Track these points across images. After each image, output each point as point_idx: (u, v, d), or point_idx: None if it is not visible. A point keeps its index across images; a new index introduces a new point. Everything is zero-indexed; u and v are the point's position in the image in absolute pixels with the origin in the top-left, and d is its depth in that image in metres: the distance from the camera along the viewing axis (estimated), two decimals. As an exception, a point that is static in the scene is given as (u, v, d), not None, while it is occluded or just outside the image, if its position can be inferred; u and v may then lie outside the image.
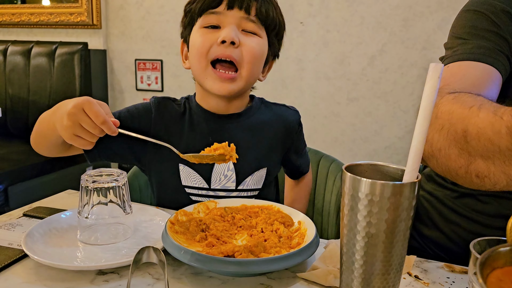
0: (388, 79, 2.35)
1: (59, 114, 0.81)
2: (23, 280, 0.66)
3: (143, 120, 0.98)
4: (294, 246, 0.73)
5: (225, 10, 0.91)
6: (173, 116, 1.00)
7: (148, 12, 2.82)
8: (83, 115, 0.78)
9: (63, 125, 0.79)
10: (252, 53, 0.93)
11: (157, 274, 0.68)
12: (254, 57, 0.93)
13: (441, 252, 1.01)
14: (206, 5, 0.92)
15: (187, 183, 0.97)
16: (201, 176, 0.97)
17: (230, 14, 0.91)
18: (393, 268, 0.54)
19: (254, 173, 0.99)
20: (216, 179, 0.97)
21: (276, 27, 0.98)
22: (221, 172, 0.97)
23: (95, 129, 0.79)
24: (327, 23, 2.42)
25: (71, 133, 0.80)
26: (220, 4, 0.91)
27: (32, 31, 3.10)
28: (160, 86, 2.87)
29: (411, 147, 0.53)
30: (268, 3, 0.95)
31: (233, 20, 0.91)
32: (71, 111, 0.77)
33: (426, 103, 0.51)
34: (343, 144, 2.49)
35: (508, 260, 0.40)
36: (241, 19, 0.92)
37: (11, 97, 2.88)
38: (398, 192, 0.50)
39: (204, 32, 0.93)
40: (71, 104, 0.78)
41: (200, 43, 0.92)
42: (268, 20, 0.95)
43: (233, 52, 0.91)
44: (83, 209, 0.77)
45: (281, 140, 1.04)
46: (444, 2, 2.16)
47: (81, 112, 0.77)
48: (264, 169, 1.01)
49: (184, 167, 0.97)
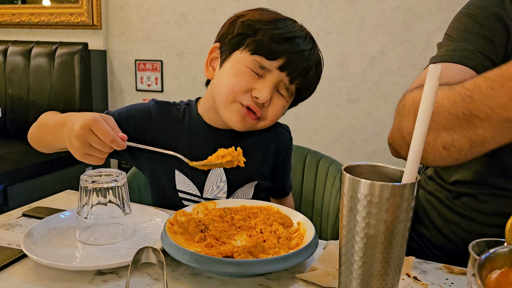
0: (388, 81, 2.35)
1: (67, 132, 0.81)
2: (22, 280, 0.66)
3: (143, 122, 0.97)
4: (293, 247, 0.73)
5: (275, 68, 0.90)
6: (173, 120, 1.00)
7: (149, 13, 2.82)
8: (92, 135, 0.77)
9: (73, 146, 0.79)
10: (275, 115, 0.95)
11: (156, 275, 0.68)
12: (276, 117, 0.96)
13: (440, 252, 1.01)
14: (263, 53, 0.89)
15: (181, 188, 0.99)
16: (195, 185, 0.98)
17: (276, 73, 0.90)
18: (392, 269, 0.54)
19: (244, 186, 1.01)
20: (208, 189, 0.99)
21: (310, 92, 1.00)
22: (214, 182, 0.99)
23: (104, 147, 0.79)
24: (327, 24, 2.42)
25: (82, 153, 0.80)
26: (275, 59, 0.89)
27: (32, 31, 3.10)
28: (160, 87, 2.87)
29: (410, 148, 0.53)
30: (312, 79, 0.96)
31: (276, 80, 0.91)
32: (79, 132, 0.77)
33: (425, 104, 0.51)
34: (342, 145, 2.49)
35: (507, 262, 0.40)
36: (282, 83, 0.92)
37: (11, 97, 2.88)
38: (397, 193, 0.50)
39: (246, 74, 0.90)
40: (78, 125, 0.77)
41: (235, 83, 0.90)
42: (305, 93, 0.98)
43: (260, 109, 0.93)
44: (82, 209, 0.77)
45: (273, 155, 1.06)
46: (444, 4, 2.16)
47: (89, 132, 0.77)
48: (254, 182, 1.02)
49: (179, 174, 0.98)
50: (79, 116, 0.80)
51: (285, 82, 0.92)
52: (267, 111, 0.94)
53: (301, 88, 0.96)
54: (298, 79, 0.93)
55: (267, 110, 0.94)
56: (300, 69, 0.91)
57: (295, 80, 0.92)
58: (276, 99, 0.94)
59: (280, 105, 0.95)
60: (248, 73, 0.90)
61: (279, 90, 0.94)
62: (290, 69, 0.90)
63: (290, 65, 0.90)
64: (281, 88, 0.94)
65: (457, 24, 0.88)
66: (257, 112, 0.92)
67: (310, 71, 0.93)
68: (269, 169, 1.06)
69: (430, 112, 0.51)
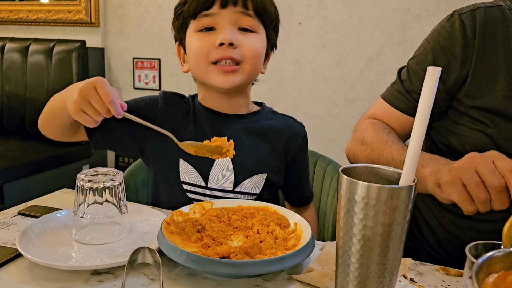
0: (385, 81, 2.34)
1: (70, 92, 0.84)
2: (17, 279, 0.66)
3: (149, 110, 0.99)
4: (290, 248, 0.73)
5: (219, 9, 0.90)
6: (179, 111, 1.01)
7: (147, 11, 2.81)
8: (94, 92, 0.80)
9: (73, 99, 0.81)
10: (253, 52, 0.93)
11: (152, 275, 0.68)
12: (255, 55, 0.93)
13: (436, 253, 1.01)
14: (199, 7, 0.91)
15: (185, 179, 0.97)
16: (200, 174, 0.97)
17: (225, 13, 0.90)
18: (388, 271, 0.54)
19: (252, 177, 0.99)
20: (214, 178, 0.97)
21: (272, 20, 0.97)
22: (220, 171, 0.97)
23: (102, 107, 0.81)
24: (325, 24, 2.42)
25: (78, 108, 0.82)
26: (213, 5, 0.90)
27: (29, 28, 3.09)
28: (158, 85, 2.86)
29: (408, 150, 0.53)
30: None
31: (228, 19, 0.90)
32: (83, 87, 0.80)
33: (424, 106, 0.51)
34: (340, 145, 2.49)
35: (504, 265, 0.40)
36: (237, 16, 0.91)
37: (7, 94, 2.87)
38: (395, 196, 0.50)
39: (200, 36, 0.92)
40: (85, 82, 0.81)
41: (197, 48, 0.92)
42: (265, 14, 0.94)
43: (233, 52, 0.91)
44: (79, 208, 0.76)
45: (284, 148, 1.04)
46: (442, 5, 2.16)
47: (92, 89, 0.80)
48: (263, 175, 1.00)
49: (184, 163, 0.96)
50: (86, 80, 0.83)
51: (239, 11, 0.91)
52: (243, 51, 0.92)
53: (260, 11, 0.93)
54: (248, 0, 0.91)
55: (241, 50, 0.92)
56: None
57: (246, 2, 0.90)
58: (244, 38, 0.92)
59: (252, 41, 0.93)
60: (202, 35, 0.92)
61: (242, 25, 0.92)
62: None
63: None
64: (241, 22, 0.92)
65: (415, 54, 0.99)
66: (231, 58, 0.91)
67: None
68: (280, 164, 1.04)
69: (428, 115, 0.51)
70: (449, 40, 0.91)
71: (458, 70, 0.90)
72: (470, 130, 0.91)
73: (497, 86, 0.87)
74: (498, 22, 0.88)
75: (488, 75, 0.88)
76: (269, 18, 0.95)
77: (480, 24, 0.88)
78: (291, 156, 1.05)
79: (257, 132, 1.01)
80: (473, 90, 0.89)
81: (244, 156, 0.97)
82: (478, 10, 0.90)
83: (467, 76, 0.90)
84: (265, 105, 1.09)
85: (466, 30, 0.89)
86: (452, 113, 0.95)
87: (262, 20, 0.95)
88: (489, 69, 0.88)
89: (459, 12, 0.92)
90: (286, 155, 1.04)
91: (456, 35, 0.90)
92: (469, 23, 0.89)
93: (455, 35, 0.90)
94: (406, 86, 0.98)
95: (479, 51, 0.88)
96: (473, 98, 0.90)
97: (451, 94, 0.93)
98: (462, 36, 0.89)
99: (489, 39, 0.88)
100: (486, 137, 0.88)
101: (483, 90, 0.88)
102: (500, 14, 0.88)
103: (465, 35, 0.89)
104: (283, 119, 1.08)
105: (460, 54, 0.89)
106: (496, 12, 0.89)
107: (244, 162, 0.98)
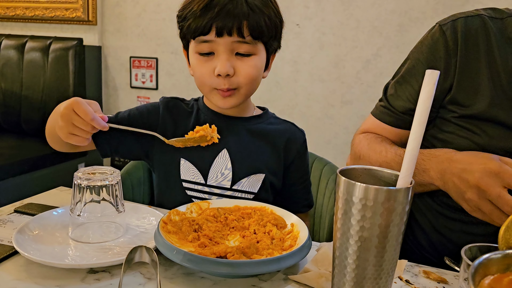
0: (382, 83, 2.33)
1: (55, 117, 0.89)
2: (13, 277, 0.65)
3: (151, 116, 1.02)
4: (287, 248, 0.73)
5: (215, 37, 0.90)
6: (181, 114, 1.04)
7: (144, 10, 2.81)
8: (74, 115, 0.83)
9: (59, 125, 0.85)
10: (248, 79, 0.94)
11: (149, 274, 0.68)
12: (251, 81, 0.95)
13: (428, 254, 1.02)
14: (197, 32, 0.90)
15: (185, 177, 0.99)
16: (199, 171, 0.99)
17: (221, 41, 0.90)
18: (385, 272, 0.54)
19: (250, 176, 1.00)
20: (213, 175, 0.99)
21: (272, 34, 0.95)
22: (219, 170, 0.99)
23: (86, 126, 0.85)
24: (323, 25, 2.43)
25: (66, 132, 0.86)
26: (209, 31, 0.89)
27: (26, 25, 3.07)
28: (155, 84, 2.86)
29: (406, 153, 0.53)
30: (259, 15, 0.91)
31: (225, 48, 0.91)
32: (63, 112, 0.84)
33: (422, 109, 0.52)
34: (336, 146, 2.50)
35: (500, 268, 0.40)
36: (234, 44, 0.91)
37: (3, 91, 2.85)
38: (392, 197, 0.50)
39: (200, 61, 0.94)
40: (63, 106, 0.84)
41: (199, 75, 0.95)
42: (263, 35, 0.93)
43: (230, 82, 0.93)
44: (76, 206, 0.76)
45: (283, 150, 1.05)
46: (440, 9, 2.17)
47: (71, 112, 0.83)
48: (261, 175, 1.01)
49: (185, 162, 0.99)
50: (66, 101, 0.86)
51: (234, 41, 0.90)
52: (239, 79, 0.93)
53: (256, 34, 0.91)
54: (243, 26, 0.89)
55: (237, 78, 0.93)
56: (232, 19, 0.88)
57: (242, 31, 0.89)
58: (241, 64, 0.93)
59: (249, 66, 0.93)
60: (202, 59, 0.94)
61: (239, 51, 0.92)
62: (225, 28, 0.88)
63: (223, 24, 0.88)
64: (238, 48, 0.92)
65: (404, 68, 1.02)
66: (228, 87, 0.93)
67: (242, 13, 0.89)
68: (280, 166, 1.05)
69: (426, 117, 0.52)
70: (431, 52, 0.94)
71: (441, 82, 0.93)
72: (457, 137, 0.93)
73: (481, 93, 0.89)
74: (479, 31, 0.91)
75: (472, 83, 0.90)
76: (268, 35, 0.94)
77: (462, 34, 0.91)
78: (290, 160, 1.06)
79: (259, 134, 1.03)
80: (459, 98, 0.92)
81: (244, 156, 1.00)
82: (459, 20, 0.93)
83: (451, 86, 0.92)
84: (268, 110, 1.11)
85: (448, 41, 0.92)
86: (439, 121, 0.98)
87: (262, 41, 0.94)
88: (472, 78, 0.90)
89: (440, 23, 0.95)
90: (286, 157, 1.06)
91: (438, 47, 0.93)
92: (450, 34, 0.92)
93: (437, 46, 0.93)
94: (391, 102, 1.02)
95: (462, 61, 0.91)
96: (459, 105, 0.92)
97: (437, 105, 0.96)
98: (444, 47, 0.92)
99: (471, 48, 0.90)
100: (474, 144, 0.90)
101: (468, 97, 0.91)
102: (481, 22, 0.91)
103: (447, 46, 0.92)
104: (284, 123, 1.09)
105: (443, 65, 0.92)
106: (476, 21, 0.92)
107: (244, 162, 1.00)
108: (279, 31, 0.98)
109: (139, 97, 2.93)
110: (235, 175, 0.99)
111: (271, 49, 0.99)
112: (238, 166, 1.00)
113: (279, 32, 0.99)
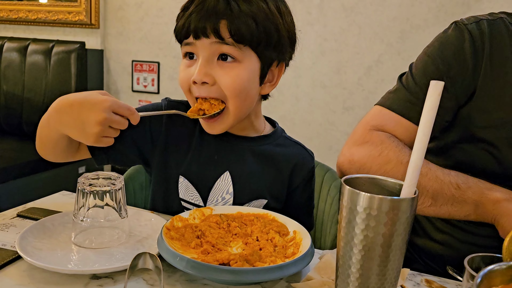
0: (384, 90, 2.34)
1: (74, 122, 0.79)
2: (16, 282, 0.66)
3: (153, 120, 0.94)
4: (289, 256, 0.73)
5: (193, 39, 0.83)
6: (185, 122, 0.94)
7: (147, 14, 2.82)
8: (114, 116, 0.78)
9: (90, 132, 0.78)
10: (232, 89, 0.84)
11: (152, 280, 0.68)
12: (236, 91, 0.84)
13: (432, 262, 1.02)
14: (181, 36, 0.86)
15: (184, 197, 0.95)
16: (199, 193, 0.94)
17: (200, 44, 0.83)
18: (388, 281, 0.54)
19: (252, 202, 0.95)
20: (213, 199, 0.94)
21: (262, 40, 0.84)
22: (220, 193, 0.94)
23: (124, 125, 0.81)
24: (325, 32, 2.44)
25: (99, 136, 0.79)
26: (189, 34, 0.83)
27: (29, 28, 3.09)
28: (157, 88, 2.87)
29: (410, 162, 0.53)
30: (242, 17, 0.81)
31: (204, 50, 0.83)
32: (103, 117, 0.76)
33: (426, 120, 0.52)
34: (337, 153, 2.48)
35: (504, 279, 0.40)
36: (213, 46, 0.82)
37: (5, 94, 2.86)
38: (396, 207, 0.51)
39: (184, 65, 0.88)
40: (98, 111, 0.76)
41: (180, 80, 0.89)
42: (244, 38, 0.82)
43: (209, 91, 0.84)
44: (79, 211, 0.76)
45: (288, 176, 0.99)
46: (441, 16, 2.18)
47: (111, 115, 0.78)
48: (263, 200, 0.96)
49: (184, 180, 0.94)
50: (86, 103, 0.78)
51: (213, 41, 0.81)
52: (222, 89, 0.84)
53: (239, 37, 0.81)
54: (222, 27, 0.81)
55: (219, 88, 0.84)
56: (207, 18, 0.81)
57: (219, 32, 0.81)
58: (221, 73, 0.83)
59: (229, 76, 0.83)
60: (186, 63, 0.88)
61: (223, 52, 0.83)
62: (199, 27, 0.81)
63: (198, 23, 0.81)
64: (221, 49, 0.83)
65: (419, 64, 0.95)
66: (209, 97, 0.85)
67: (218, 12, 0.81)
68: (283, 191, 0.99)
69: (431, 128, 0.52)
70: (458, 49, 0.89)
71: (469, 78, 0.88)
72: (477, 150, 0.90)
73: (505, 99, 0.86)
74: (504, 35, 0.87)
75: (496, 89, 0.87)
76: (256, 40, 0.83)
77: (487, 36, 0.87)
78: (295, 186, 1.00)
79: (265, 156, 0.96)
80: (482, 104, 0.88)
81: (247, 180, 0.94)
82: (482, 22, 0.89)
83: (475, 88, 0.88)
84: (278, 128, 1.03)
85: (475, 41, 0.88)
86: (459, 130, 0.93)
87: (249, 45, 0.83)
88: (497, 83, 0.87)
89: (463, 23, 0.91)
90: (290, 183, 1.00)
91: (465, 45, 0.88)
92: (477, 34, 0.88)
93: (465, 45, 0.88)
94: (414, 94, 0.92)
95: (487, 64, 0.87)
96: (481, 112, 0.88)
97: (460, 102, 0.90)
98: (472, 46, 0.88)
99: (496, 52, 0.87)
100: (492, 157, 0.88)
101: (491, 104, 0.87)
102: (504, 27, 0.88)
103: (475, 45, 0.88)
104: (293, 146, 1.02)
105: (472, 63, 0.88)
106: (499, 25, 0.88)
107: (246, 186, 0.94)
108: (275, 39, 0.85)
109: (140, 100, 2.93)
110: (236, 200, 0.94)
111: (266, 59, 0.87)
112: (240, 191, 0.94)
113: (277, 41, 0.86)
